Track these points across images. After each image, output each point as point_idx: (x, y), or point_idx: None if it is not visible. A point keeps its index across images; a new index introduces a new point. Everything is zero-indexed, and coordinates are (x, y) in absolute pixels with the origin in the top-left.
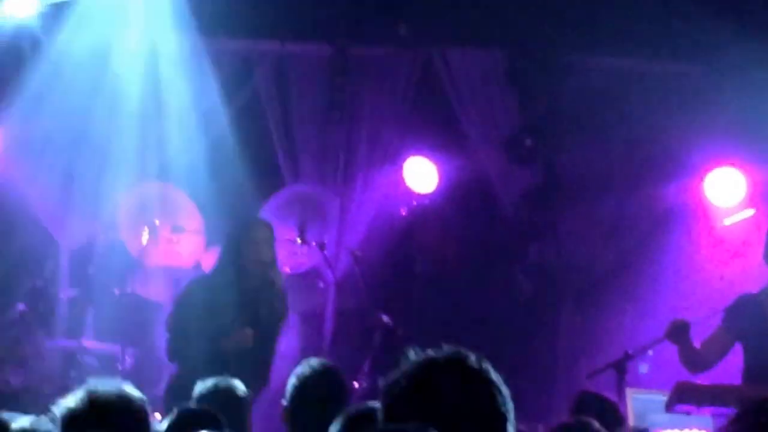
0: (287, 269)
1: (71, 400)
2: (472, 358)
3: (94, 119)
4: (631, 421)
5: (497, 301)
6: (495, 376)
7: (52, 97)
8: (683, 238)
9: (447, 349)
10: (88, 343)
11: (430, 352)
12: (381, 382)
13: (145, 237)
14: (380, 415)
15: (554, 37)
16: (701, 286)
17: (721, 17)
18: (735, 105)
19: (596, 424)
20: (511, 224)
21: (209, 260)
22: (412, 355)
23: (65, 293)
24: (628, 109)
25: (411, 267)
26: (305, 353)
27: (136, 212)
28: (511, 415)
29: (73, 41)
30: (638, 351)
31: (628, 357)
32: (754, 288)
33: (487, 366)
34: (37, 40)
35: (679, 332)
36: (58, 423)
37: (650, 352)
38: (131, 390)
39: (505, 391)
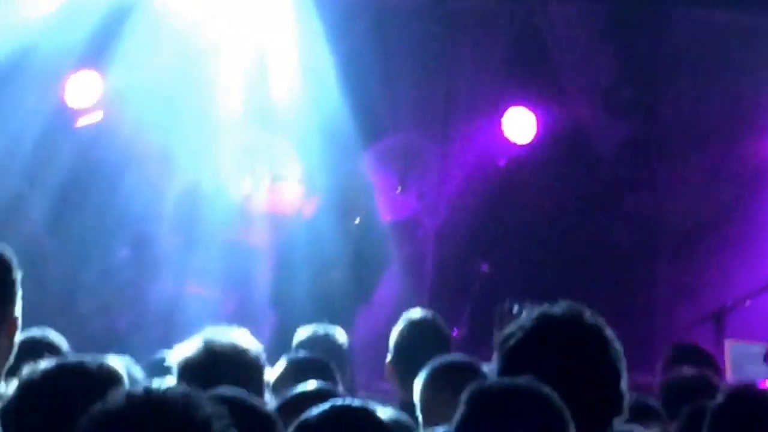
0: (388, 217)
1: (188, 349)
2: (588, 314)
3: (196, 67)
4: (729, 373)
5: (594, 251)
6: (609, 332)
7: (155, 47)
8: None
9: (563, 304)
10: (193, 288)
11: (547, 307)
12: (496, 334)
13: (247, 184)
14: (495, 366)
15: None
16: None
17: None
18: None
19: (716, 378)
20: (608, 175)
21: (310, 209)
22: (516, 307)
23: (170, 238)
24: (728, 63)
25: (509, 216)
26: (405, 301)
27: (239, 159)
28: (624, 372)
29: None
30: (737, 302)
31: (726, 308)
32: None
33: (602, 322)
34: None
35: None
36: (174, 370)
37: (748, 303)
38: (247, 339)
39: (618, 348)
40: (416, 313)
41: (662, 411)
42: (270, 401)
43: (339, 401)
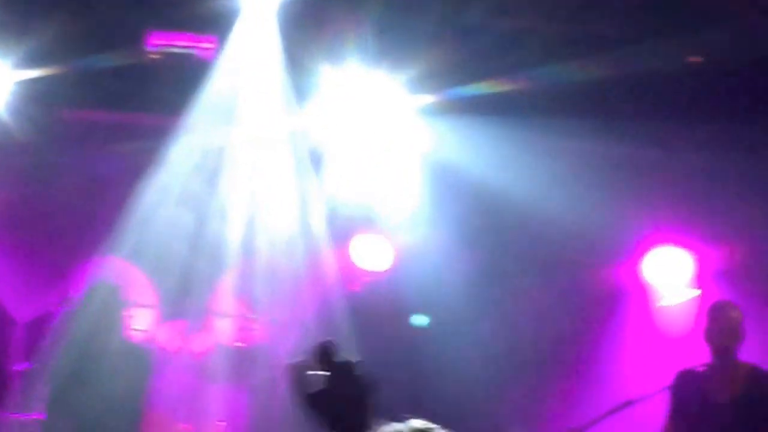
0: (241, 343)
1: None
2: (437, 430)
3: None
4: None
5: (444, 375)
6: None
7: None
8: (626, 317)
9: (414, 422)
10: (42, 416)
11: (398, 425)
12: None
13: None
14: None
15: None
16: (645, 363)
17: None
18: (681, 185)
19: None
20: (458, 302)
21: (163, 335)
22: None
23: (18, 365)
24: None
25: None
26: (258, 426)
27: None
28: None
29: None
30: (580, 428)
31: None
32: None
33: None
34: None
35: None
36: None
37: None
38: None
39: None
40: None
41: None
42: None
43: None
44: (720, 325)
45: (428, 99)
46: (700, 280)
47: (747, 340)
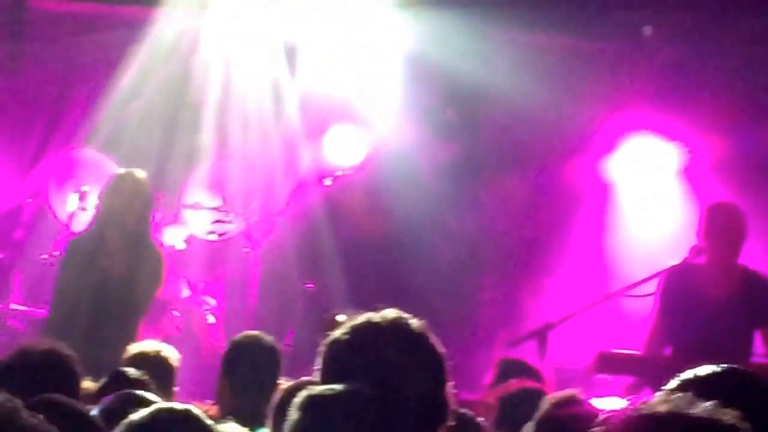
0: (214, 236)
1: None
2: (414, 322)
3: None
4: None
5: (418, 269)
6: (433, 338)
7: None
8: (599, 212)
9: (388, 311)
10: (15, 306)
11: (372, 314)
12: (320, 341)
13: (72, 203)
14: (318, 374)
15: None
16: (617, 259)
17: None
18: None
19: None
20: (431, 195)
21: None
22: (348, 317)
23: None
24: (546, 84)
25: (334, 236)
26: (231, 318)
27: (63, 178)
28: (447, 380)
29: None
30: (559, 320)
31: (548, 326)
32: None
33: (426, 328)
34: None
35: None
36: None
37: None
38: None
39: (442, 354)
40: (248, 332)
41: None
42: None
43: (164, 404)
44: (723, 224)
45: None
46: (689, 172)
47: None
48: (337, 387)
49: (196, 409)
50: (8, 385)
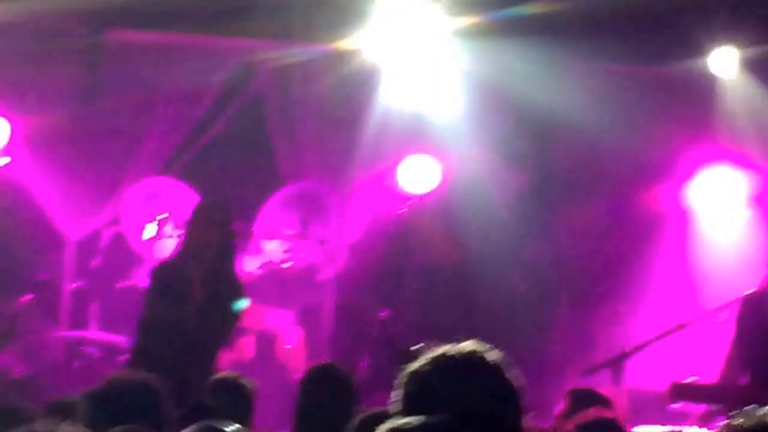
0: (289, 264)
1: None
2: (491, 353)
3: (99, 114)
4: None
5: (493, 298)
6: (509, 371)
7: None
8: (675, 239)
9: (465, 344)
10: (92, 333)
11: (449, 347)
12: (398, 373)
13: (149, 231)
14: (396, 405)
15: None
16: (693, 287)
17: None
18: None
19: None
20: (505, 223)
21: None
22: (424, 348)
23: (70, 285)
24: (621, 114)
25: (408, 264)
26: (307, 346)
27: (141, 206)
28: (524, 412)
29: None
30: (634, 349)
31: (623, 355)
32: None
33: (502, 361)
34: None
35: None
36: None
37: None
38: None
39: (518, 386)
40: (317, 365)
41: None
42: None
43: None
44: None
45: (471, 20)
46: (760, 200)
47: None
48: (418, 419)
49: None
50: (97, 414)
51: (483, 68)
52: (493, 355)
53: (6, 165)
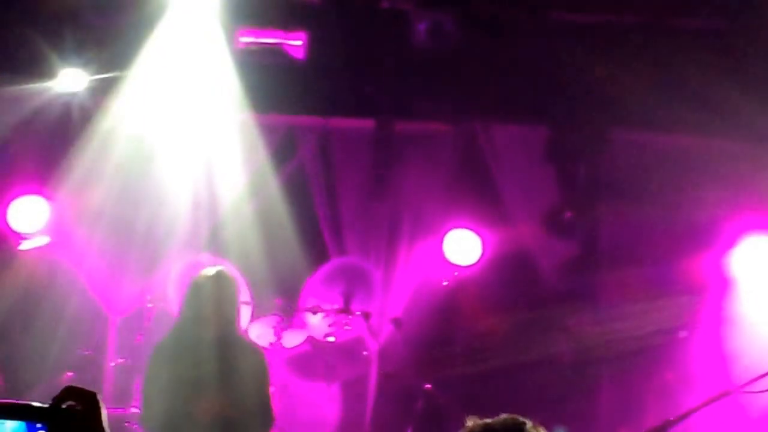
0: (333, 338)
1: None
2: (529, 425)
3: (145, 193)
4: None
5: (537, 367)
6: None
7: (103, 170)
8: (722, 307)
9: (504, 417)
10: (136, 410)
11: (489, 420)
12: None
13: None
14: None
15: (593, 113)
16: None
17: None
18: None
19: None
20: (550, 293)
21: (256, 331)
22: (467, 422)
23: (113, 361)
24: (666, 183)
25: (452, 336)
26: (348, 420)
27: (183, 282)
28: None
29: (121, 117)
30: (679, 418)
31: (668, 423)
32: None
33: None
34: (87, 113)
35: None
36: None
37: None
38: None
39: None
40: None
41: None
42: None
43: None
44: None
45: None
46: None
47: None
48: None
49: None
50: None
51: None
52: (530, 425)
53: (50, 243)
